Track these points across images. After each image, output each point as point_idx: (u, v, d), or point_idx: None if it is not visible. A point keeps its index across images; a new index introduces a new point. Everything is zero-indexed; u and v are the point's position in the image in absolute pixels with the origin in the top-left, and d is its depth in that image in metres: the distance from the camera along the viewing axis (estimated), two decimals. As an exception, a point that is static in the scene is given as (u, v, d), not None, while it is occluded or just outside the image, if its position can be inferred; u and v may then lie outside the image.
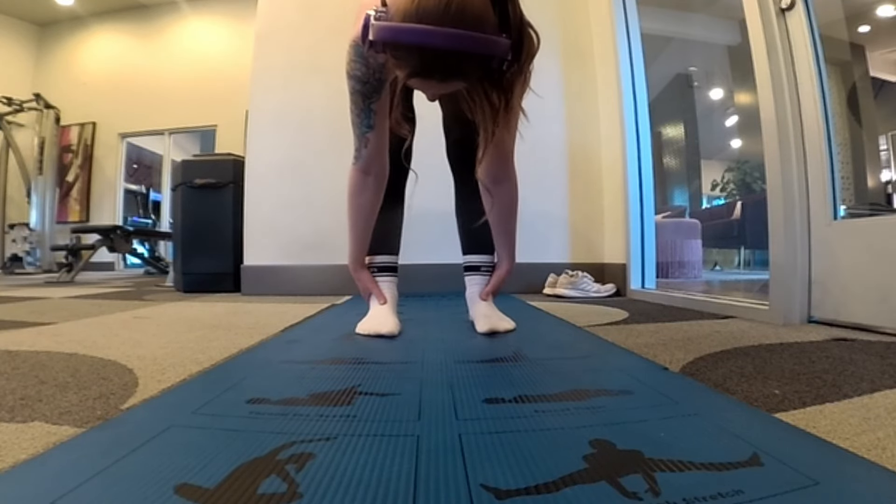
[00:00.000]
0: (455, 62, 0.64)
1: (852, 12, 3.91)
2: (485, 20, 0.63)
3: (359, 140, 0.92)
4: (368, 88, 0.84)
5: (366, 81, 0.83)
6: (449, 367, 0.73)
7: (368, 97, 0.85)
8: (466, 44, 0.61)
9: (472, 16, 0.61)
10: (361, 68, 0.81)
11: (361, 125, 0.89)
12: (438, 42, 0.61)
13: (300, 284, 2.19)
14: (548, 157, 2.34)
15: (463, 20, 0.61)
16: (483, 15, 0.63)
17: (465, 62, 0.64)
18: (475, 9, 0.62)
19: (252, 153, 2.28)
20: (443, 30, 0.60)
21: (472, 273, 1.17)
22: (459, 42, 0.61)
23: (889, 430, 0.48)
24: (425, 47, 0.62)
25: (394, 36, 0.63)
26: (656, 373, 0.72)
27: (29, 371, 0.74)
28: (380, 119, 0.89)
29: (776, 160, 1.24)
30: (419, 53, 0.63)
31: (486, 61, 0.65)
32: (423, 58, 0.63)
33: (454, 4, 0.60)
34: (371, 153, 0.93)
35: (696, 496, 0.33)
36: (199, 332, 1.13)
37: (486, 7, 0.63)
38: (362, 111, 0.87)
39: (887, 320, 1.04)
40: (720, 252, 5.52)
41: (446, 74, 0.66)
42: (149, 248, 4.60)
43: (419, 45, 0.62)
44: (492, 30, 0.64)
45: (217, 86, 5.33)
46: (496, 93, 0.71)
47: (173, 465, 0.38)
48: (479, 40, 0.62)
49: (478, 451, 0.42)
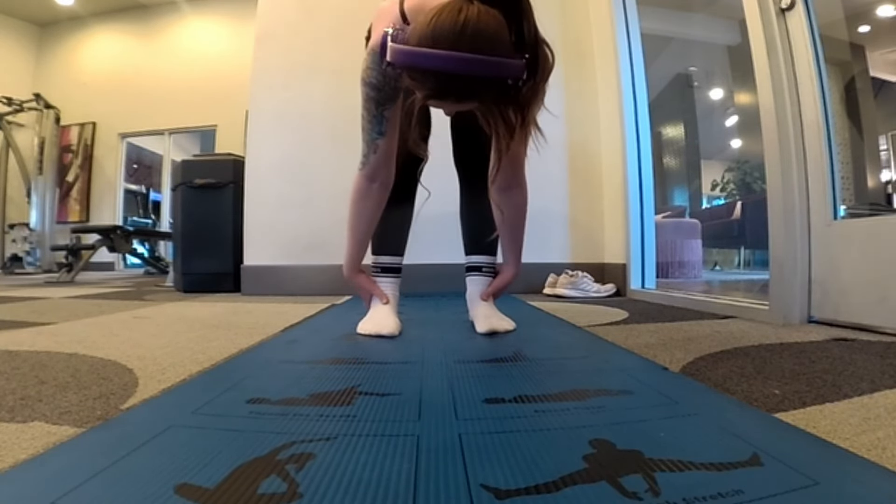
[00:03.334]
0: (470, 85, 0.65)
1: (852, 12, 3.91)
2: (500, 41, 0.64)
3: (368, 146, 0.91)
4: (383, 96, 0.84)
5: (381, 89, 0.83)
6: (449, 367, 0.73)
7: (382, 104, 0.85)
8: (481, 68, 0.63)
9: (487, 38, 0.63)
10: (378, 76, 0.82)
11: (372, 131, 0.89)
12: (453, 67, 0.62)
13: (300, 284, 2.19)
14: (548, 157, 2.33)
15: (478, 42, 0.62)
16: (498, 36, 0.64)
17: (480, 85, 0.65)
18: (490, 30, 0.63)
19: (252, 153, 2.28)
20: (458, 55, 0.61)
21: (473, 273, 1.17)
22: (474, 67, 0.62)
23: (889, 430, 0.48)
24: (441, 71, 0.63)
25: (410, 60, 0.64)
26: (656, 373, 0.72)
27: (29, 371, 0.74)
28: (391, 126, 0.89)
29: (776, 160, 1.24)
30: (435, 77, 0.65)
31: (502, 82, 0.66)
32: (438, 81, 0.65)
33: (470, 27, 0.62)
34: (379, 160, 0.93)
35: (696, 496, 0.33)
36: (199, 332, 1.13)
37: (502, 27, 0.65)
38: (374, 117, 0.87)
39: (887, 320, 1.04)
40: (720, 252, 5.52)
41: (461, 96, 0.67)
42: (149, 248, 4.60)
43: (434, 70, 0.63)
44: (507, 50, 0.65)
45: (217, 86, 5.32)
46: (512, 110, 0.72)
47: (173, 465, 0.38)
48: (493, 64, 0.63)
49: (478, 451, 0.42)
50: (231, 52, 5.31)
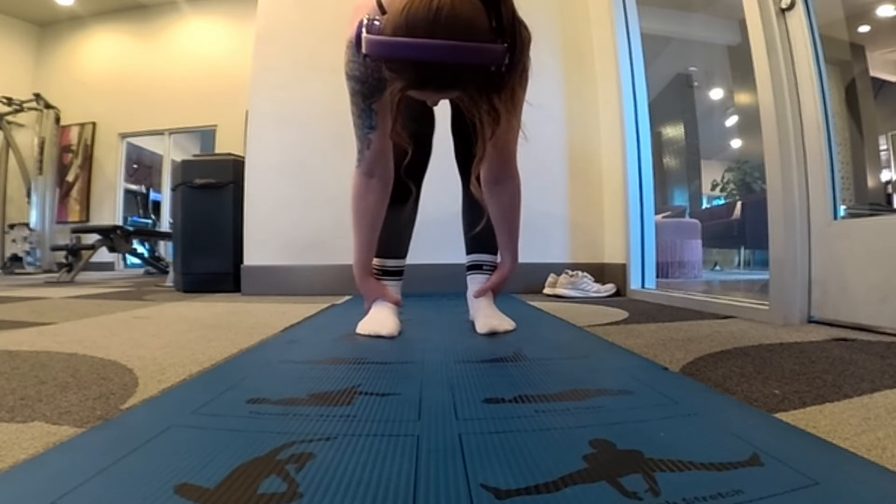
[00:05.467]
0: (449, 73, 0.63)
1: (852, 12, 3.91)
2: (477, 26, 0.62)
3: (361, 142, 0.91)
4: (368, 88, 0.83)
5: (364, 81, 0.82)
6: (449, 367, 0.73)
7: (369, 97, 0.84)
8: (459, 55, 0.61)
9: (463, 23, 0.60)
10: (360, 68, 0.81)
11: (363, 126, 0.88)
12: (429, 56, 0.60)
13: (300, 284, 2.19)
14: (547, 157, 2.34)
15: (454, 28, 0.60)
16: (474, 22, 0.62)
17: (460, 72, 0.64)
18: (466, 16, 0.61)
19: (252, 153, 2.28)
20: (434, 42, 0.59)
21: (474, 272, 1.17)
22: (451, 54, 0.60)
23: (889, 430, 0.48)
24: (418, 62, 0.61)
25: (385, 51, 0.63)
26: (656, 373, 0.72)
27: (29, 371, 0.74)
28: (381, 120, 0.88)
29: (776, 160, 1.24)
30: (413, 67, 0.63)
31: (483, 69, 0.64)
32: (417, 71, 0.63)
33: (444, 12, 0.59)
34: (374, 154, 0.92)
35: (696, 496, 0.33)
36: (199, 332, 1.13)
37: (478, 13, 0.62)
38: (363, 111, 0.86)
39: (887, 320, 1.04)
40: (720, 252, 5.52)
41: (441, 86, 0.66)
42: (149, 248, 4.60)
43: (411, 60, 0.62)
44: (485, 35, 0.63)
45: (217, 86, 5.32)
46: (496, 96, 0.70)
47: (173, 465, 0.38)
48: (471, 50, 0.61)
49: (478, 451, 0.42)
50: (231, 52, 5.31)
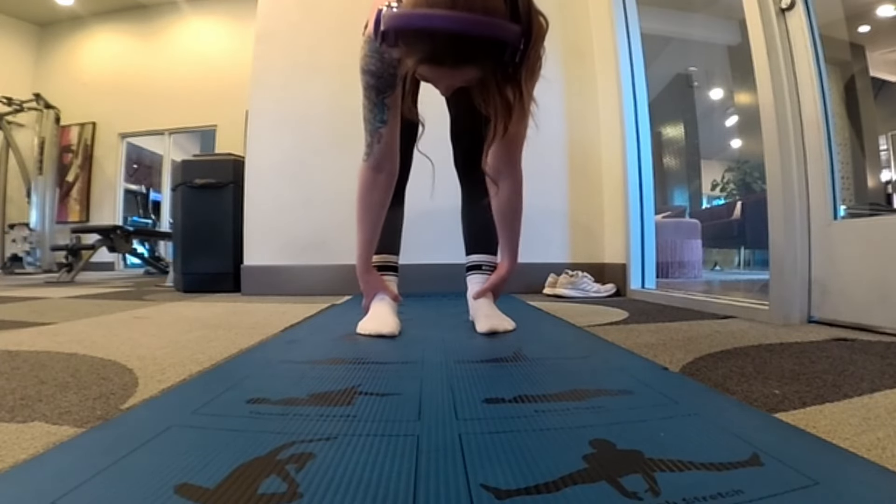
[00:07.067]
0: (466, 47, 0.64)
1: (852, 12, 3.91)
2: (495, 8, 0.63)
3: (371, 135, 0.92)
4: (382, 83, 0.84)
5: (380, 76, 0.83)
6: (449, 367, 0.73)
7: (382, 92, 0.85)
8: (477, 27, 0.62)
9: (482, 3, 0.62)
10: (376, 63, 0.82)
11: (374, 120, 0.89)
12: (448, 25, 0.61)
13: (300, 284, 2.19)
14: (547, 156, 2.34)
15: (473, 7, 0.61)
16: (493, 3, 0.63)
17: (477, 47, 0.64)
18: None
19: (252, 153, 2.28)
20: (453, 14, 0.61)
21: (473, 272, 1.17)
22: (470, 25, 0.61)
23: (889, 430, 0.48)
24: (436, 31, 0.62)
25: (404, 22, 0.64)
26: (656, 373, 0.72)
27: (29, 371, 0.74)
28: (392, 115, 0.89)
29: (776, 160, 1.24)
30: (430, 38, 0.63)
31: (499, 49, 0.65)
32: (434, 42, 0.64)
33: None
34: (383, 149, 0.93)
35: (696, 496, 0.33)
36: (199, 332, 1.13)
37: None
38: (375, 105, 0.87)
39: (887, 320, 1.04)
40: (720, 252, 5.52)
41: (458, 60, 0.66)
42: (149, 248, 4.60)
43: (430, 30, 0.62)
44: (502, 15, 0.64)
45: (217, 86, 5.33)
46: (510, 86, 0.71)
47: (173, 465, 0.38)
48: (488, 24, 0.62)
49: (478, 451, 0.42)
50: (231, 52, 5.31)
